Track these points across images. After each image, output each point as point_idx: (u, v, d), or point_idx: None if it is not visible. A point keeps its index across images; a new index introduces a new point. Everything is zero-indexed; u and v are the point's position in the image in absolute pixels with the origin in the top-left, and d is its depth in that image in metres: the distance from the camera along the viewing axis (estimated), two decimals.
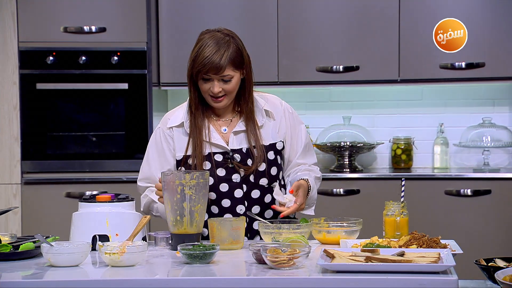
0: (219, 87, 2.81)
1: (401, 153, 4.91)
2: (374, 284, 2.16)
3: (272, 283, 2.20)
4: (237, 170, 2.86)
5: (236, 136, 2.89)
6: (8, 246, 2.48)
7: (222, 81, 2.80)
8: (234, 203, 2.86)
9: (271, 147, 2.90)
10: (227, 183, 2.86)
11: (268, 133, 2.91)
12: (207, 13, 4.70)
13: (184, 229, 2.60)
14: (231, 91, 2.84)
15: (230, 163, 2.86)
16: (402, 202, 2.79)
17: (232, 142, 2.88)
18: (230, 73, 2.80)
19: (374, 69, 4.71)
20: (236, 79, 2.83)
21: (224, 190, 2.86)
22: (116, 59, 4.57)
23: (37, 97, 4.59)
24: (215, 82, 2.80)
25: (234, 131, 2.89)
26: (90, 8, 4.57)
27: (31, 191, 4.56)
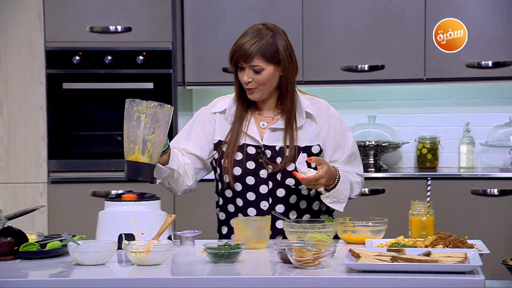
0: (249, 77, 2.83)
1: (426, 153, 4.88)
2: (400, 284, 2.15)
3: (297, 282, 2.20)
4: (266, 167, 2.86)
5: (273, 133, 2.90)
6: (35, 245, 2.50)
7: (253, 71, 2.83)
8: (258, 198, 2.87)
9: (306, 149, 2.89)
10: (254, 177, 2.87)
11: (306, 135, 2.90)
12: (231, 12, 4.71)
13: (135, 157, 2.62)
14: (262, 83, 2.85)
15: (260, 158, 2.87)
16: (428, 202, 2.77)
17: (267, 138, 2.89)
18: (260, 64, 2.82)
19: (399, 68, 4.68)
20: (268, 72, 2.84)
21: (250, 183, 2.87)
22: (141, 59, 4.59)
23: (63, 97, 4.62)
24: (245, 71, 2.83)
25: (272, 128, 2.90)
26: (115, 8, 4.59)
27: (57, 190, 4.60)
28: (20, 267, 2.38)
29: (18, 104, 4.57)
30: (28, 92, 4.58)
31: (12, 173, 4.57)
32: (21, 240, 2.51)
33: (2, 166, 4.57)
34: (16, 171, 4.57)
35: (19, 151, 4.58)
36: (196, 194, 4.45)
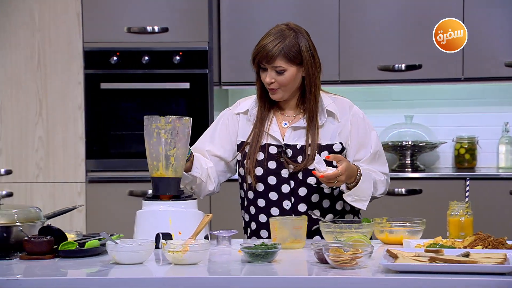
0: (271, 78, 2.84)
1: (464, 153, 4.83)
2: (439, 285, 2.13)
3: (334, 283, 2.19)
4: (287, 166, 2.86)
5: (295, 132, 2.90)
6: (74, 244, 2.52)
7: (275, 72, 2.83)
8: (280, 198, 2.87)
9: (327, 148, 2.88)
10: (276, 176, 2.87)
11: (327, 133, 2.90)
12: (267, 12, 4.71)
13: (160, 173, 2.66)
14: (284, 84, 2.85)
15: (281, 157, 2.87)
16: (466, 202, 2.74)
17: (288, 137, 2.89)
18: (283, 65, 2.82)
19: (436, 67, 4.65)
20: (290, 73, 2.84)
21: (272, 183, 2.87)
22: (178, 59, 4.61)
23: (101, 97, 4.66)
24: (268, 72, 2.84)
25: (293, 127, 2.90)
26: (153, 8, 4.62)
27: (95, 189, 4.64)
28: (59, 266, 2.40)
29: (56, 104, 4.62)
30: (66, 92, 4.62)
31: (51, 173, 4.62)
32: (60, 239, 2.54)
33: (41, 166, 4.62)
34: (54, 171, 4.62)
35: (57, 151, 4.63)
36: (232, 194, 4.46)
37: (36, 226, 2.60)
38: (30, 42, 4.61)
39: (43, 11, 4.60)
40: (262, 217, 2.90)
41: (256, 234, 2.92)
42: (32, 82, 4.62)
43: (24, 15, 4.60)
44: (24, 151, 4.63)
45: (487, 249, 2.43)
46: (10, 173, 4.63)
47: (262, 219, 2.90)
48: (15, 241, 2.55)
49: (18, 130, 4.63)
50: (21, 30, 4.60)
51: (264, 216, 2.89)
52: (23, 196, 4.63)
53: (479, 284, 2.12)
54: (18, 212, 2.60)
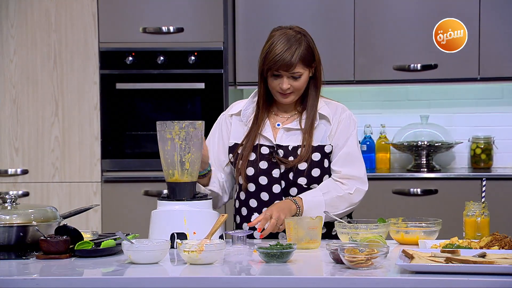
0: (288, 84, 2.84)
1: (480, 153, 4.81)
2: (455, 285, 2.13)
3: (350, 283, 2.19)
4: (278, 166, 2.86)
5: (287, 133, 2.91)
6: (90, 243, 2.53)
7: (291, 78, 2.84)
8: (272, 198, 2.87)
9: (318, 149, 2.89)
10: (267, 176, 2.88)
11: (319, 135, 2.91)
12: (283, 12, 4.70)
13: (175, 178, 2.68)
14: (299, 88, 2.87)
15: (273, 157, 2.87)
16: (483, 203, 2.73)
17: (280, 138, 2.90)
18: (300, 70, 2.83)
19: (453, 67, 4.63)
20: (305, 76, 2.86)
21: (263, 183, 2.88)
22: (193, 59, 4.62)
23: (116, 97, 4.67)
24: (284, 79, 2.83)
25: (286, 127, 2.91)
26: (168, 8, 4.62)
27: (111, 189, 4.65)
28: (75, 265, 2.41)
29: (72, 104, 4.64)
30: (82, 92, 4.64)
31: (67, 173, 4.64)
32: (76, 238, 2.55)
33: (57, 166, 4.64)
34: (70, 171, 4.64)
35: (73, 151, 4.64)
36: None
37: (52, 225, 2.61)
38: (46, 43, 4.63)
39: (59, 12, 4.62)
40: (254, 218, 2.89)
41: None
42: (48, 82, 4.64)
43: (41, 16, 4.62)
44: (40, 151, 4.65)
45: (504, 249, 2.42)
46: (27, 173, 4.65)
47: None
48: (32, 240, 2.56)
49: (34, 130, 4.65)
50: (37, 30, 4.63)
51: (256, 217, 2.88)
52: (39, 195, 4.65)
53: (496, 285, 2.11)
54: (35, 212, 2.61)
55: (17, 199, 2.67)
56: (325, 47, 4.73)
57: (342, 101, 4.99)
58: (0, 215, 2.56)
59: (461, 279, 2.13)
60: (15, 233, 2.55)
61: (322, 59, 4.15)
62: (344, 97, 5.03)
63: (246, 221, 2.93)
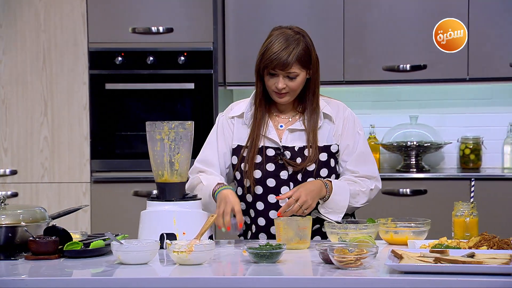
0: (284, 84, 2.83)
1: (469, 153, 4.83)
2: (444, 285, 2.13)
3: (339, 283, 2.19)
4: (285, 167, 2.86)
5: (292, 134, 2.90)
6: (79, 244, 2.53)
7: (287, 77, 2.83)
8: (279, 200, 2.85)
9: (325, 149, 2.89)
10: (275, 179, 2.87)
11: (324, 134, 2.91)
12: (272, 12, 4.71)
13: (165, 179, 2.69)
14: (295, 89, 2.86)
15: (280, 159, 2.87)
16: (471, 203, 2.74)
17: (286, 139, 2.89)
18: (296, 71, 2.83)
19: (442, 67, 4.64)
20: (301, 77, 2.85)
21: (270, 186, 2.87)
22: (182, 59, 4.61)
23: (106, 97, 4.66)
24: (280, 78, 2.83)
25: (290, 129, 2.91)
26: (158, 9, 4.62)
27: (100, 189, 4.64)
28: (64, 266, 2.41)
29: (62, 104, 4.63)
30: (71, 92, 4.63)
31: (56, 173, 4.63)
32: (66, 239, 2.54)
33: (47, 166, 4.63)
34: (60, 171, 4.63)
35: (62, 151, 4.63)
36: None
37: (41, 226, 2.60)
38: (35, 43, 4.62)
39: (48, 12, 4.61)
40: (260, 221, 2.90)
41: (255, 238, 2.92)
42: (37, 83, 4.63)
43: (30, 16, 4.61)
44: (30, 151, 4.64)
45: (492, 249, 2.43)
46: (16, 173, 4.64)
47: (261, 223, 2.89)
48: (21, 241, 2.55)
49: (23, 130, 4.64)
50: (26, 31, 4.61)
51: (263, 220, 2.89)
52: (28, 196, 4.63)
53: (484, 285, 2.12)
54: (23, 212, 2.60)
55: (6, 200, 2.66)
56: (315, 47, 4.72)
57: None
58: None
59: (450, 279, 2.14)
60: (4, 234, 2.54)
61: None
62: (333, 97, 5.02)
63: (254, 223, 2.90)
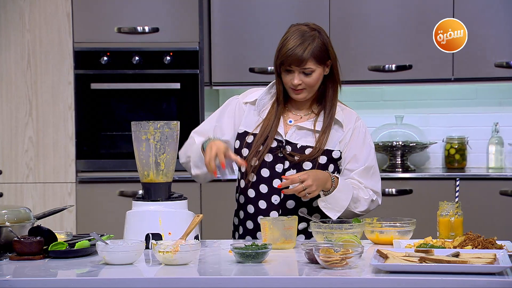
0: (299, 80, 2.84)
1: (454, 153, 4.85)
2: (428, 284, 2.14)
3: (324, 283, 2.19)
4: (283, 161, 2.87)
5: (299, 131, 2.91)
6: (64, 244, 2.52)
7: (303, 73, 2.84)
8: (270, 191, 2.87)
9: (326, 153, 2.89)
10: (269, 170, 2.88)
11: (330, 139, 2.91)
12: (258, 12, 4.71)
13: (150, 179, 2.69)
14: (311, 85, 2.87)
15: (280, 152, 2.87)
16: (456, 202, 2.75)
17: (291, 135, 2.90)
18: (312, 66, 2.84)
19: (427, 68, 4.66)
20: (317, 74, 2.86)
21: (264, 176, 2.88)
22: (168, 59, 4.61)
23: (91, 97, 4.65)
24: (295, 74, 2.84)
25: (298, 126, 2.91)
26: (143, 8, 4.61)
27: (86, 189, 4.63)
28: (49, 266, 2.40)
29: (46, 104, 4.61)
30: (56, 92, 4.61)
31: (41, 173, 4.61)
32: (50, 239, 2.53)
33: (31, 166, 4.61)
34: (45, 171, 4.61)
35: (47, 151, 4.62)
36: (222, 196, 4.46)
37: (26, 226, 2.59)
38: (20, 42, 4.60)
39: (33, 12, 4.59)
40: (249, 208, 2.91)
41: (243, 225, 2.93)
42: (22, 83, 4.61)
43: (14, 16, 4.59)
44: (14, 151, 4.61)
45: (477, 249, 2.44)
46: (0, 174, 4.61)
47: (250, 210, 2.91)
48: (5, 241, 2.54)
49: (8, 131, 4.61)
50: (11, 30, 4.59)
51: (251, 207, 2.90)
52: (13, 196, 4.61)
53: (469, 284, 2.13)
54: (8, 213, 2.59)
55: None
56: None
57: None
58: None
59: (435, 278, 2.15)
60: None
61: None
62: None
63: (243, 210, 2.92)
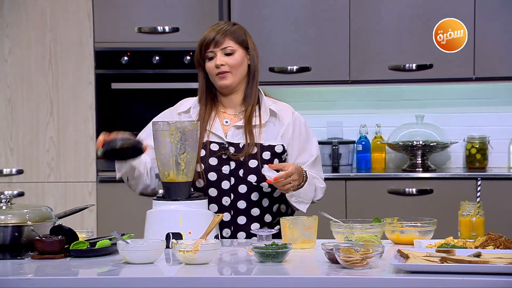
0: (222, 60, 2.89)
1: (475, 153, 4.82)
2: (450, 285, 2.13)
3: (345, 282, 2.19)
4: (228, 163, 2.87)
5: (237, 130, 2.92)
6: (85, 243, 2.53)
7: (225, 55, 2.90)
8: (220, 194, 2.87)
9: (269, 148, 2.90)
10: (216, 173, 2.88)
11: (269, 133, 2.93)
12: (278, 13, 4.71)
13: (170, 178, 2.68)
14: (235, 66, 2.90)
15: (224, 153, 2.88)
16: (478, 202, 2.74)
17: (231, 135, 2.92)
18: (231, 45, 2.91)
19: (448, 67, 4.63)
20: (239, 55, 2.92)
21: (212, 179, 2.88)
22: (188, 59, 4.62)
23: (111, 97, 4.66)
24: (217, 55, 2.90)
25: (236, 125, 2.93)
26: (163, 8, 4.62)
27: (106, 189, 4.64)
28: (70, 265, 2.41)
29: (67, 104, 4.64)
30: (77, 92, 4.64)
31: (62, 172, 4.64)
32: (72, 238, 2.55)
33: (53, 166, 4.64)
34: (66, 171, 4.64)
35: (68, 151, 4.64)
36: None
37: (47, 225, 2.61)
38: (41, 42, 4.63)
39: (54, 11, 4.61)
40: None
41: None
42: (43, 82, 4.64)
43: (36, 15, 4.62)
44: (35, 150, 4.64)
45: (499, 249, 2.42)
46: (22, 173, 4.65)
47: None
48: (27, 240, 2.56)
49: (29, 130, 4.64)
50: (32, 30, 4.62)
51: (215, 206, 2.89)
52: (34, 195, 4.64)
53: (491, 285, 2.11)
54: (30, 212, 2.61)
55: (12, 199, 2.67)
56: (320, 47, 4.73)
57: (337, 101, 5.04)
58: None
59: (456, 278, 2.14)
60: (10, 233, 2.55)
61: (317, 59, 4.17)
62: (339, 97, 5.04)
63: None
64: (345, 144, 4.86)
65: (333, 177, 4.55)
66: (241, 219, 2.89)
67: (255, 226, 2.88)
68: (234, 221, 2.89)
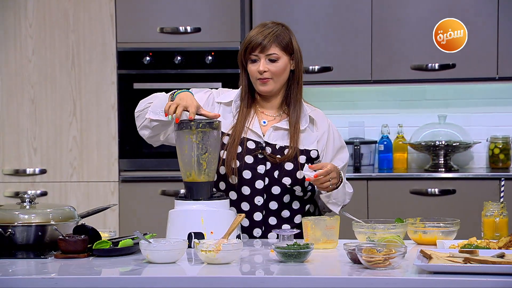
0: (265, 66, 2.85)
1: (499, 153, 4.79)
2: (473, 285, 2.12)
3: (367, 283, 2.18)
4: (264, 162, 2.87)
5: (275, 132, 2.92)
6: (108, 243, 2.54)
7: (268, 61, 2.86)
8: (253, 193, 2.86)
9: (305, 152, 2.90)
10: (251, 171, 2.87)
11: (307, 138, 2.92)
12: (300, 12, 4.70)
13: (192, 178, 2.69)
14: (277, 73, 2.87)
15: (260, 153, 2.87)
16: (501, 203, 2.72)
17: (269, 136, 2.91)
18: (276, 52, 2.86)
19: (471, 66, 4.61)
20: (283, 62, 2.88)
21: (246, 177, 2.87)
22: (210, 59, 4.62)
23: (134, 97, 4.67)
24: (261, 61, 2.86)
25: (275, 126, 2.92)
26: (185, 8, 4.64)
27: (128, 189, 4.66)
28: (93, 265, 2.42)
29: (90, 104, 4.66)
30: (100, 92, 4.66)
31: (85, 172, 4.66)
32: (94, 238, 2.56)
33: (75, 165, 4.66)
34: (88, 170, 4.66)
35: (91, 151, 4.66)
36: None
37: (70, 225, 2.62)
38: (64, 43, 4.65)
39: (77, 12, 4.64)
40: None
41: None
42: (66, 82, 4.66)
43: (59, 16, 4.65)
44: (59, 150, 4.67)
45: None
46: (45, 173, 4.68)
47: None
48: (50, 240, 2.57)
49: (52, 130, 4.67)
50: (55, 30, 4.65)
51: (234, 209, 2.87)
52: (57, 195, 4.67)
53: None
54: (53, 211, 2.62)
55: (35, 199, 2.68)
56: (342, 47, 4.72)
57: (359, 101, 5.03)
58: (19, 215, 2.58)
59: (480, 279, 2.12)
60: (34, 233, 2.56)
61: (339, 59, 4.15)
62: (361, 96, 5.03)
63: None
64: (367, 144, 4.85)
65: (355, 177, 4.54)
66: (272, 219, 2.88)
67: (286, 227, 2.88)
68: (265, 221, 2.88)
